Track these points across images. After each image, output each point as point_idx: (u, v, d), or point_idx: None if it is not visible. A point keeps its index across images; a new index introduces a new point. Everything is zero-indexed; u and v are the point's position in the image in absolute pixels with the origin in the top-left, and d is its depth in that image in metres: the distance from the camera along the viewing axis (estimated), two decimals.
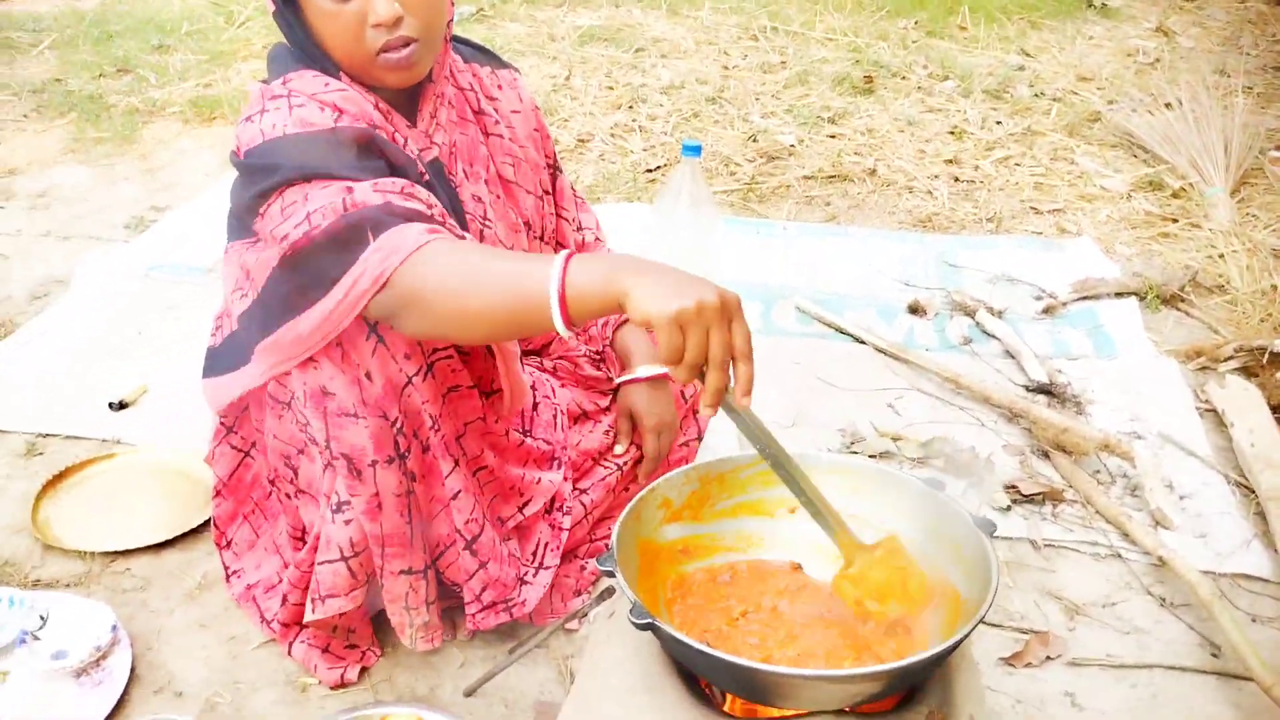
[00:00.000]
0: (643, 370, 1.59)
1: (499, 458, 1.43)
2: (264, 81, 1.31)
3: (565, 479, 1.55)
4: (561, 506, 1.55)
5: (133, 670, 1.44)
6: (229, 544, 1.55)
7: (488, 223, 1.44)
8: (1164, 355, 2.27)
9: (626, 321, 1.64)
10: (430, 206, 1.20)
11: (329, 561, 1.33)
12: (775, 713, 1.07)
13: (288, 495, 1.42)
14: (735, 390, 1.01)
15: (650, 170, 3.23)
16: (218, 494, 1.52)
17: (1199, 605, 1.58)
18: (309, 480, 1.37)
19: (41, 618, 1.46)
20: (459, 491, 1.35)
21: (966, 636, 1.02)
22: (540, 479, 1.49)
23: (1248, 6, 4.88)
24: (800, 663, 1.10)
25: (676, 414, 1.64)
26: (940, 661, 1.06)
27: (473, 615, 1.43)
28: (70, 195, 2.96)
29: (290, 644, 1.47)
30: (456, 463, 1.35)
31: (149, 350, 2.23)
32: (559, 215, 1.64)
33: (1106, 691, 1.49)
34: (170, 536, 1.68)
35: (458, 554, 1.38)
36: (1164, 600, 1.64)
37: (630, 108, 3.68)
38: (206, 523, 1.65)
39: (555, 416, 1.57)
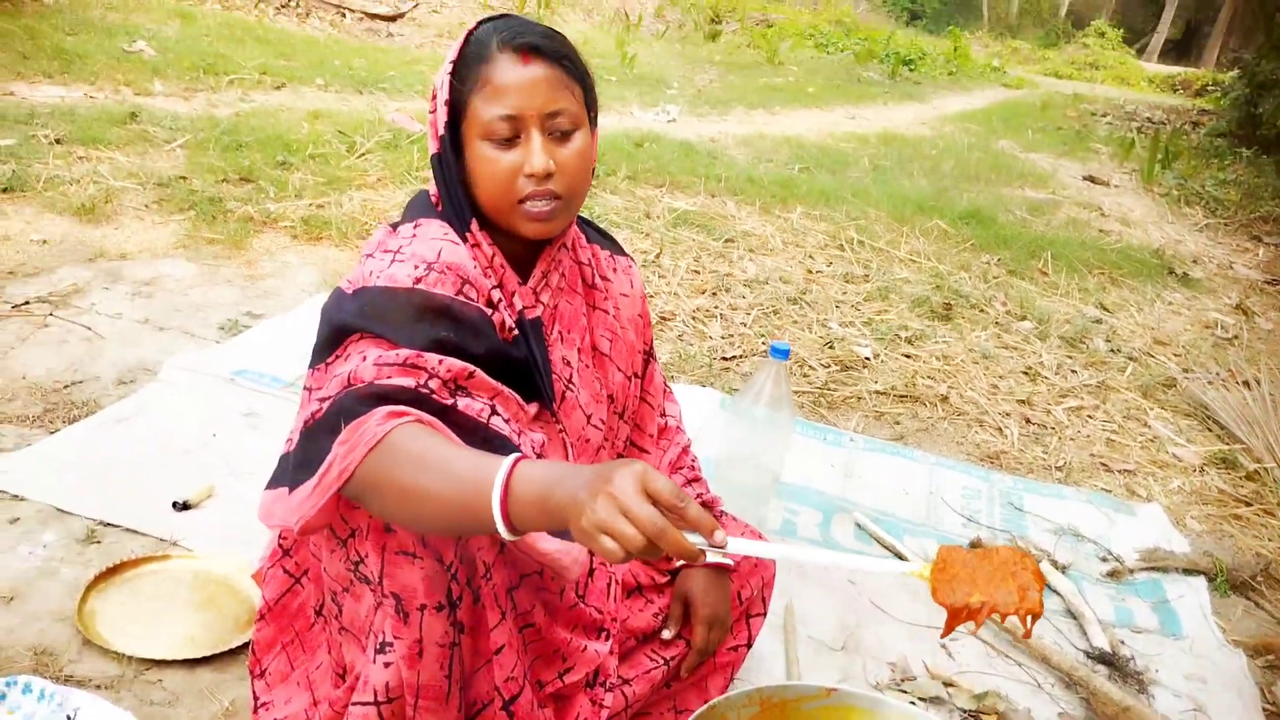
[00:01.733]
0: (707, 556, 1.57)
1: (549, 617, 1.39)
2: (393, 225, 1.38)
3: (611, 653, 1.51)
4: (604, 682, 1.50)
5: None
6: (263, 673, 1.52)
7: (571, 385, 1.47)
8: (1231, 646, 2.19)
9: (699, 499, 1.64)
10: (423, 384, 1.22)
11: (362, 704, 1.29)
12: None
13: (340, 629, 1.40)
14: (702, 538, 1.01)
15: (726, 359, 3.28)
16: (261, 617, 1.50)
17: None
18: (352, 619, 1.35)
19: (69, 718, 1.43)
20: (503, 646, 1.31)
21: None
22: (586, 646, 1.45)
23: None
24: None
25: (731, 611, 1.61)
26: None
27: None
28: (173, 288, 3.06)
29: None
30: (504, 615, 1.31)
31: (221, 454, 2.25)
32: (643, 399, 1.67)
33: None
34: (207, 654, 1.66)
35: (494, 714, 1.33)
36: None
37: (714, 294, 3.78)
38: (245, 644, 1.63)
39: (609, 585, 1.54)
